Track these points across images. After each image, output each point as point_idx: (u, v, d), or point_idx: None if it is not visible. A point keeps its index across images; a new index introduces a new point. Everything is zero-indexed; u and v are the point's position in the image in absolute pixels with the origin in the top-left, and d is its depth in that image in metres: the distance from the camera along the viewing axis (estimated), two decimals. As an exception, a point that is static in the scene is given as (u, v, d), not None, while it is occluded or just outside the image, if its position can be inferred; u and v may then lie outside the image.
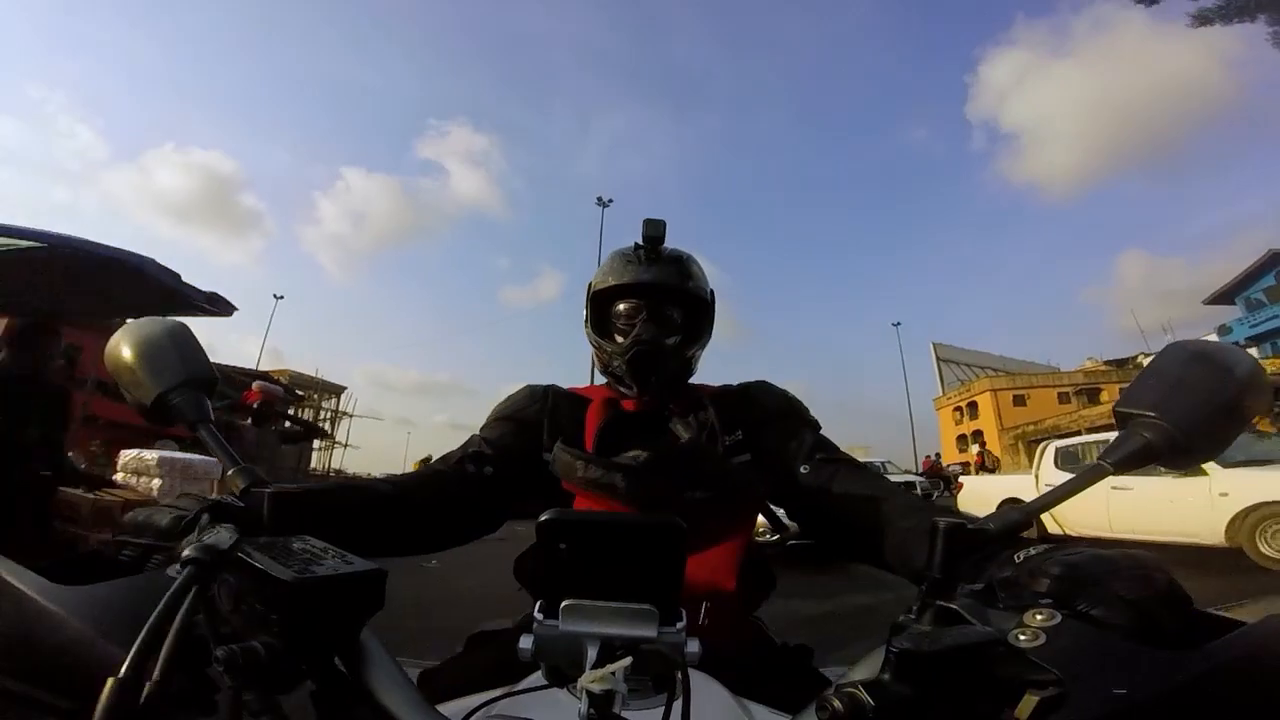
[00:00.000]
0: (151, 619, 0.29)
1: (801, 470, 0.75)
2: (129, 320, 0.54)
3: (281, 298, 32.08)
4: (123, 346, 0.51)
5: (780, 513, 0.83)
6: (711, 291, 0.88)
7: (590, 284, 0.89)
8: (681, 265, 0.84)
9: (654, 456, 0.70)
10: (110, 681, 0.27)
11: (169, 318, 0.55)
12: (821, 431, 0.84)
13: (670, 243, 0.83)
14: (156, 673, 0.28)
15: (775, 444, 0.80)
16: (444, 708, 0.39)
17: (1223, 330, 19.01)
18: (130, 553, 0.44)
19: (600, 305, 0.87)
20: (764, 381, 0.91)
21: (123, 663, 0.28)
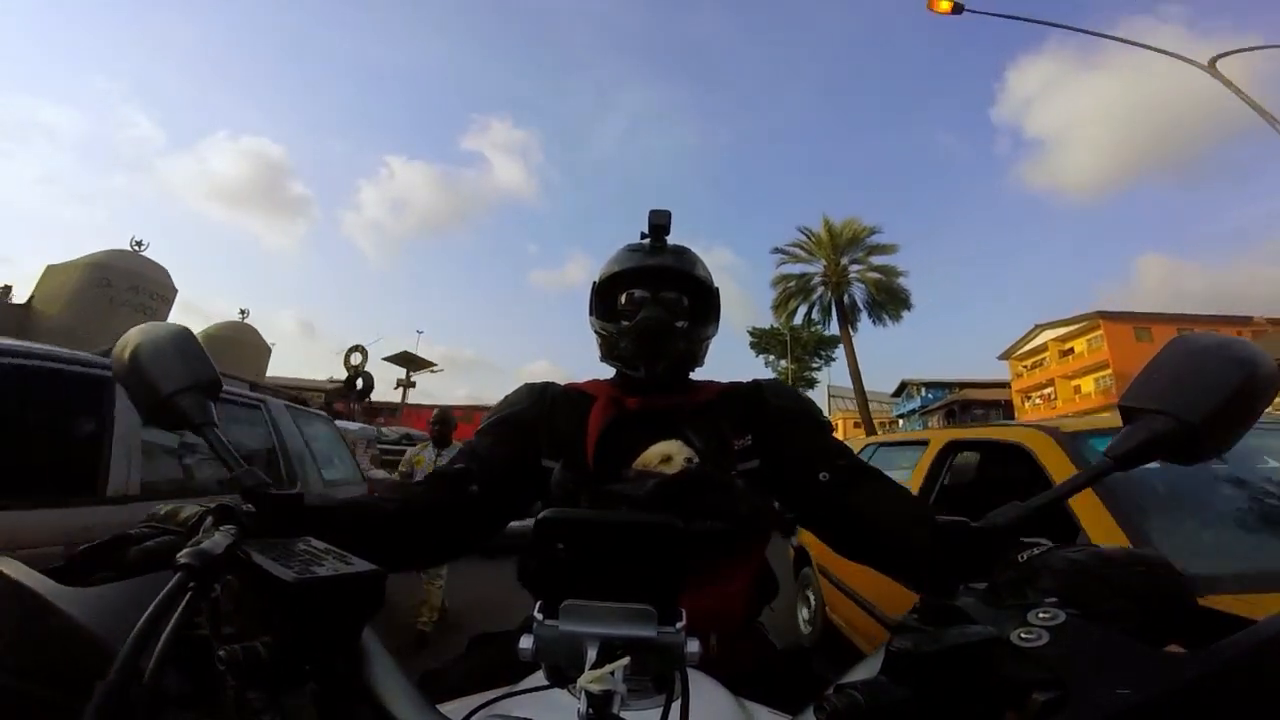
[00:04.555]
0: (140, 623, 0.30)
1: (821, 477, 0.72)
2: (133, 328, 0.55)
3: (422, 332, 34.67)
4: (128, 350, 0.52)
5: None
6: (716, 287, 0.87)
7: (595, 280, 0.87)
8: (687, 254, 0.84)
9: (659, 485, 0.68)
10: (98, 684, 0.27)
11: (173, 322, 0.55)
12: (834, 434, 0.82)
13: (691, 230, 0.84)
14: (146, 675, 0.29)
15: (790, 449, 0.77)
16: (444, 708, 0.39)
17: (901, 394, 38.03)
18: (150, 546, 0.45)
19: (607, 295, 0.85)
20: (776, 380, 0.89)
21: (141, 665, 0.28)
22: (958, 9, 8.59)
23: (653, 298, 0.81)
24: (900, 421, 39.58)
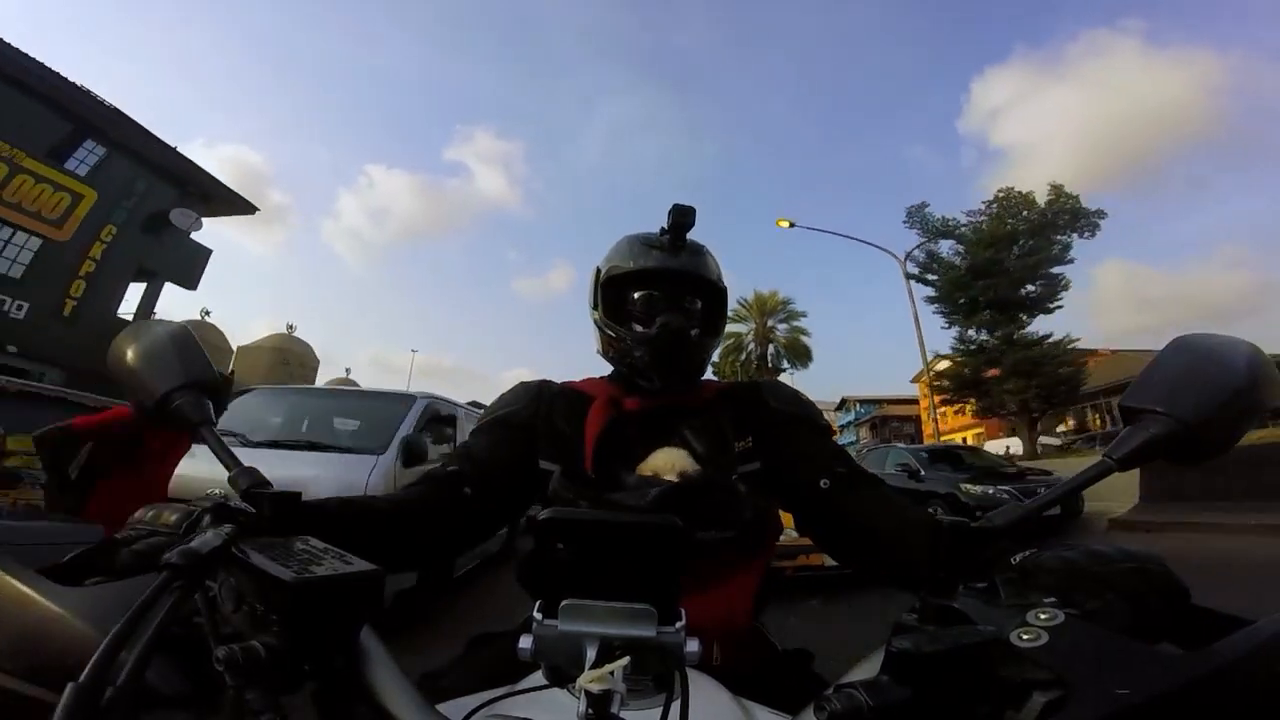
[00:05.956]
0: (119, 624, 0.29)
1: (821, 484, 0.71)
2: (130, 323, 0.55)
3: (416, 351, 37.80)
4: (125, 349, 0.52)
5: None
6: (725, 288, 0.83)
7: (600, 268, 0.82)
8: (705, 256, 0.80)
9: (661, 494, 0.66)
10: (70, 686, 0.27)
11: (171, 320, 0.55)
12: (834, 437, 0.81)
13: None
14: (121, 677, 0.28)
15: (790, 452, 0.76)
16: (444, 707, 0.39)
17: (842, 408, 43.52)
18: (139, 548, 0.44)
19: (615, 290, 0.80)
20: (776, 380, 0.87)
21: (123, 666, 0.28)
22: (793, 225, 13.87)
23: (671, 304, 0.77)
24: (841, 431, 48.43)
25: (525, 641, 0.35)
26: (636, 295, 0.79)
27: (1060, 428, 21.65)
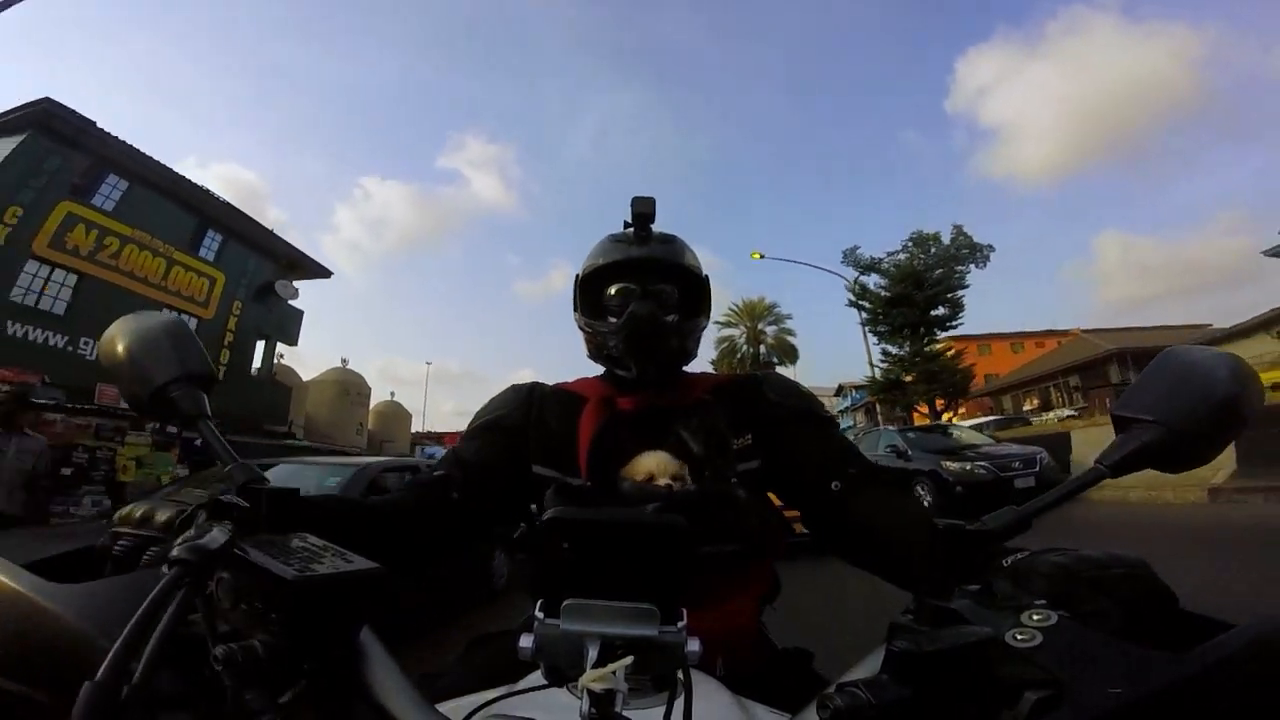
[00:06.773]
0: (133, 621, 0.29)
1: (833, 486, 0.70)
2: (123, 315, 0.53)
3: (430, 363, 42.67)
4: (118, 340, 0.50)
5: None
6: (706, 275, 0.82)
7: (578, 273, 0.82)
8: (675, 243, 0.80)
9: (665, 509, 0.63)
10: (86, 685, 0.26)
11: (165, 312, 0.54)
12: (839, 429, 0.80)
13: (670, 229, 0.80)
14: (137, 675, 0.28)
15: (797, 450, 0.75)
16: (444, 707, 0.39)
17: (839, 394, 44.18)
18: (126, 544, 0.44)
19: (592, 289, 0.80)
20: (775, 373, 0.86)
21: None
22: (763, 257, 17.88)
23: (641, 292, 0.77)
24: (840, 416, 51.17)
25: (526, 641, 0.35)
26: (611, 290, 0.79)
27: (1026, 406, 25.56)
